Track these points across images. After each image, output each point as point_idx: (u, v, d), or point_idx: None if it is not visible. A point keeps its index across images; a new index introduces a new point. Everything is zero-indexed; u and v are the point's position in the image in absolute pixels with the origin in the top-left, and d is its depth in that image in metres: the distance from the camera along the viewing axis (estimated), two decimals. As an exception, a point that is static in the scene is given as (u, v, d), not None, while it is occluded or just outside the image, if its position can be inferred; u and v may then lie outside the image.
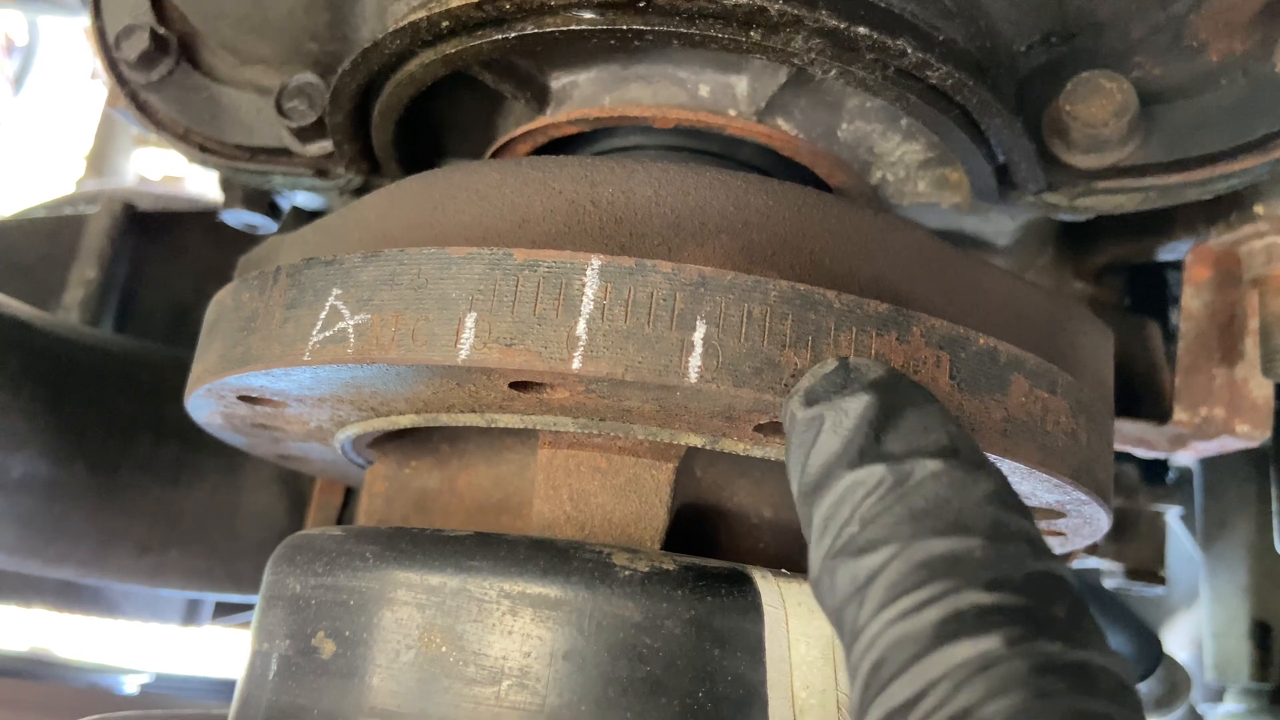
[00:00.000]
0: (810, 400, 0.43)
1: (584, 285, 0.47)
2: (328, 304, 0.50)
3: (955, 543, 0.36)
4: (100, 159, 2.85)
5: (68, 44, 3.43)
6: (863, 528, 0.38)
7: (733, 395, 0.46)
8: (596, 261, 0.47)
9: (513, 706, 0.46)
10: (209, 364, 0.58)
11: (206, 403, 0.62)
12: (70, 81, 3.55)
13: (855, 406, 0.41)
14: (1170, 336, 0.87)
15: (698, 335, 0.46)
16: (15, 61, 3.19)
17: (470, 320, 0.47)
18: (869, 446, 0.40)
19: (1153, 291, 0.92)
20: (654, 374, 0.46)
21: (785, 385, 0.46)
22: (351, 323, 0.49)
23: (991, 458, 0.50)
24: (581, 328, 0.46)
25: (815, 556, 0.40)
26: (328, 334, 0.50)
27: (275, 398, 0.58)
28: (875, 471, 0.39)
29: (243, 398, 0.59)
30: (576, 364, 0.46)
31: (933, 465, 0.38)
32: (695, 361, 0.46)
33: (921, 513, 0.37)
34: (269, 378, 0.54)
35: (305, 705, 0.51)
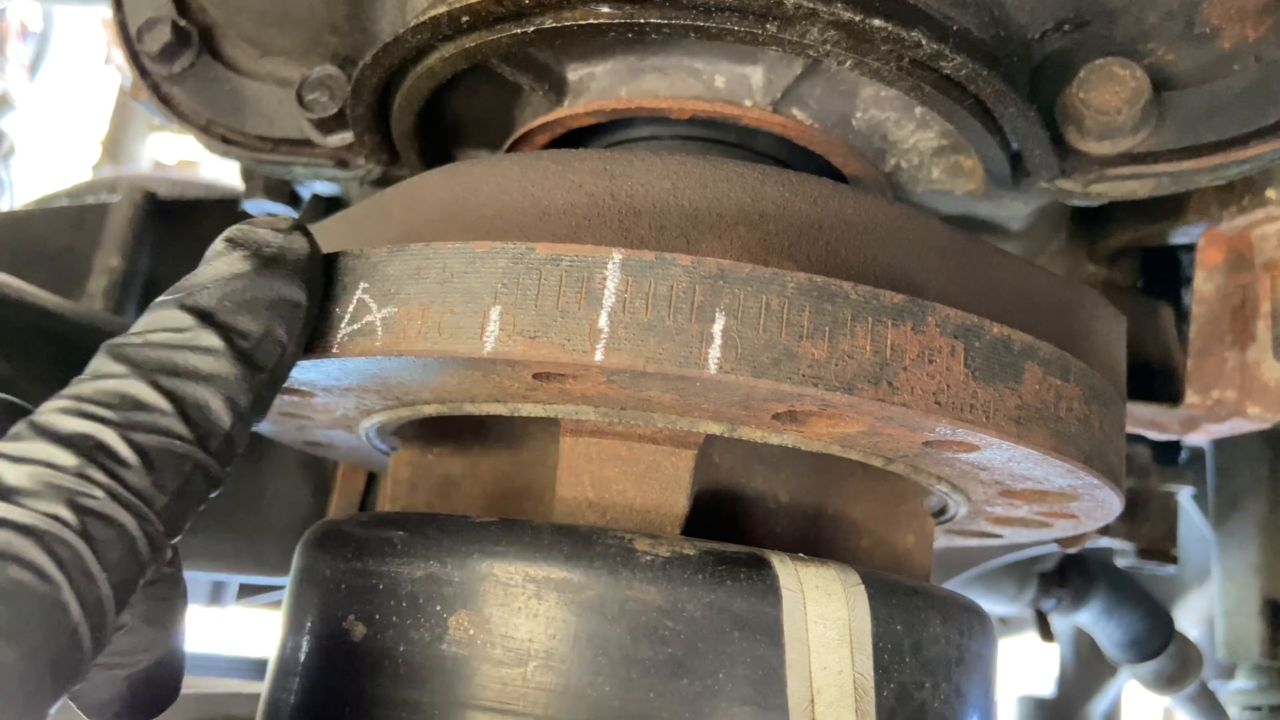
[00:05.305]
0: None
1: (605, 279, 0.48)
2: (355, 297, 0.51)
3: None
4: (116, 144, 2.87)
5: (82, 29, 3.44)
6: None
7: (751, 386, 0.47)
8: (618, 255, 0.48)
9: (539, 687, 0.48)
10: (238, 355, 0.59)
11: (235, 392, 0.63)
12: (85, 67, 3.57)
13: None
14: (1183, 318, 0.88)
15: (717, 327, 0.47)
16: (30, 47, 3.21)
17: (495, 314, 0.48)
18: None
19: (1166, 273, 0.92)
20: (674, 365, 0.47)
21: (803, 376, 0.47)
22: (379, 316, 0.50)
23: (1006, 444, 0.51)
24: (604, 320, 0.47)
25: None
26: (355, 327, 0.51)
27: (303, 388, 0.59)
28: None
29: (271, 388, 0.60)
30: (599, 356, 0.47)
31: None
32: (715, 353, 0.47)
33: None
34: (297, 369, 0.55)
35: (336, 687, 0.53)
